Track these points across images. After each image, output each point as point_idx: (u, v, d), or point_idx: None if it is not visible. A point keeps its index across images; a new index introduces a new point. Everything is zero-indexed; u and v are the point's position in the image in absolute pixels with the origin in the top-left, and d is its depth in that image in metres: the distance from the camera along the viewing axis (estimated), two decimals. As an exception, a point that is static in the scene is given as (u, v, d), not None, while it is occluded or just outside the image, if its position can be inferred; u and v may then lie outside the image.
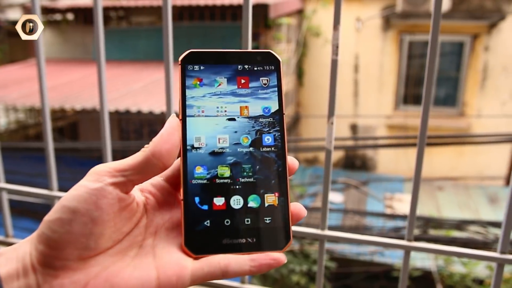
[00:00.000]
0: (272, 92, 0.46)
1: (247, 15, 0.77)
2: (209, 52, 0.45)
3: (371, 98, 7.46)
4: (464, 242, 3.23)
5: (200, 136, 0.43)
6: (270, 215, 0.43)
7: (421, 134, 0.78)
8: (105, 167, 0.40)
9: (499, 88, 6.94)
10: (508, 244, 0.81)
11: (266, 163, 0.44)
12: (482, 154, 6.91)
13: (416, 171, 0.79)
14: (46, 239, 0.37)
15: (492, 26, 6.76)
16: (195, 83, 0.44)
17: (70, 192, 0.38)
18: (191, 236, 0.41)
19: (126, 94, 5.01)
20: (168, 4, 0.82)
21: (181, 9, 6.50)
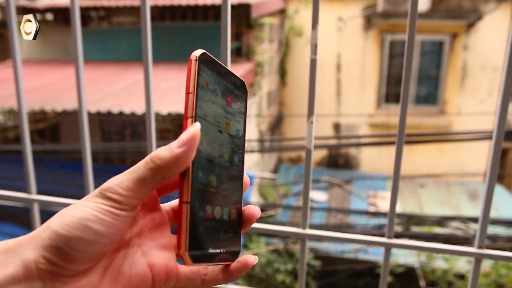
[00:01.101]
0: (241, 117, 0.47)
1: (226, 15, 0.77)
2: (215, 60, 0.44)
3: (353, 97, 7.53)
4: (446, 238, 3.28)
5: (202, 139, 0.41)
6: (232, 228, 0.44)
7: (400, 132, 0.79)
8: (124, 196, 0.38)
9: (478, 86, 7.08)
10: (485, 239, 0.82)
11: (234, 179, 0.45)
12: (462, 151, 7.04)
13: (395, 170, 0.80)
14: (61, 253, 0.36)
15: (470, 26, 6.88)
16: (204, 84, 0.42)
17: (94, 213, 0.37)
18: (193, 243, 0.39)
19: (107, 95, 4.96)
20: (146, 4, 0.82)
21: (163, 9, 6.46)
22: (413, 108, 7.36)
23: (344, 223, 4.47)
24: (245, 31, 6.23)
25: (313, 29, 0.75)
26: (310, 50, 0.76)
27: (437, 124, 7.20)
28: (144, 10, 0.82)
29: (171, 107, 4.38)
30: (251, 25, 6.17)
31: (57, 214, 0.38)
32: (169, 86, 5.22)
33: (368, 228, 3.81)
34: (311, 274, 4.43)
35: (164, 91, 5.04)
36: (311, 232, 0.85)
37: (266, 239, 4.64)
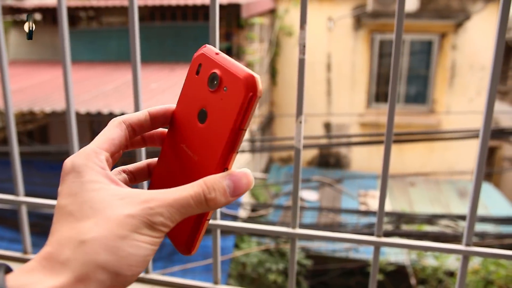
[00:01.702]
0: None
1: (214, 15, 0.77)
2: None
3: (343, 97, 7.56)
4: (435, 236, 3.31)
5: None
6: None
7: (388, 132, 0.79)
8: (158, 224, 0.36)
9: (467, 85, 7.15)
10: (473, 236, 0.83)
11: None
12: (451, 150, 7.10)
13: (383, 169, 0.81)
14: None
15: (459, 26, 6.95)
16: None
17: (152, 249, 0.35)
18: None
19: (97, 96, 4.92)
20: (134, 4, 0.81)
21: (153, 9, 6.43)
22: (403, 107, 7.40)
23: (335, 222, 4.49)
24: (236, 31, 6.23)
25: (301, 29, 0.75)
26: (299, 50, 0.76)
27: (427, 123, 7.25)
28: (132, 10, 0.81)
29: (161, 108, 4.35)
30: (241, 25, 6.17)
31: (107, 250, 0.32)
32: (159, 87, 5.20)
33: (359, 227, 3.83)
34: (302, 273, 4.44)
35: (154, 91, 5.02)
36: (301, 232, 0.85)
37: (257, 239, 4.64)
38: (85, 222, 0.33)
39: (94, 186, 0.35)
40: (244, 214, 4.84)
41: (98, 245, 0.32)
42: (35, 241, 1.12)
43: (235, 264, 4.33)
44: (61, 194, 0.36)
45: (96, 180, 0.35)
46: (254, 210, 5.17)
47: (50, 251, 0.33)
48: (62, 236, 0.33)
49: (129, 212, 0.34)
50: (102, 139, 0.40)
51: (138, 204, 0.35)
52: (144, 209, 0.34)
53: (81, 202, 0.34)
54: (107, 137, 0.40)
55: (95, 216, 0.34)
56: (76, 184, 0.35)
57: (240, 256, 4.35)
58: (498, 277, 3.84)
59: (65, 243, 0.33)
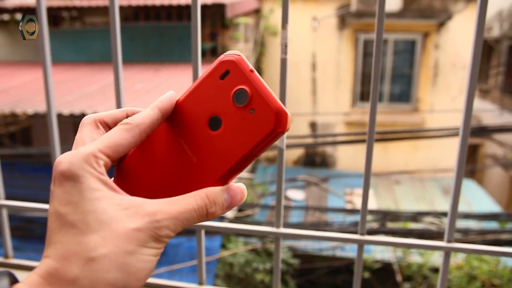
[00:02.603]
0: None
1: (196, 15, 0.77)
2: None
3: (329, 96, 7.60)
4: (420, 233, 3.35)
5: None
6: None
7: (370, 130, 0.80)
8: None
9: (449, 84, 7.25)
10: (454, 233, 0.84)
11: None
12: (435, 148, 7.19)
13: (366, 168, 0.82)
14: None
15: (441, 25, 7.04)
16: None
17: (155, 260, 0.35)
18: None
19: (81, 97, 4.87)
20: (115, 5, 0.80)
21: (137, 9, 6.38)
22: (387, 106, 7.47)
23: (321, 221, 4.51)
24: (220, 31, 6.22)
25: (283, 29, 0.75)
26: (281, 49, 0.76)
27: (411, 121, 7.34)
28: (112, 10, 0.81)
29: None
30: (226, 25, 6.16)
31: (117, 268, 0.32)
32: (143, 87, 5.17)
33: (344, 225, 3.85)
34: (289, 272, 4.45)
35: (139, 92, 4.98)
36: (285, 231, 0.86)
37: (244, 239, 4.64)
38: (92, 236, 0.32)
39: (95, 194, 0.34)
40: (231, 214, 4.84)
41: (108, 262, 0.32)
42: (17, 245, 1.10)
43: (222, 265, 4.32)
44: (58, 199, 0.34)
45: (96, 188, 0.34)
46: (240, 210, 5.17)
47: (56, 267, 0.32)
48: (67, 250, 0.32)
49: (136, 225, 0.33)
50: (107, 142, 0.36)
51: (144, 217, 0.34)
52: (151, 222, 0.34)
53: (83, 213, 0.33)
54: (113, 142, 0.36)
55: (101, 230, 0.33)
56: (75, 190, 0.34)
57: (227, 256, 4.34)
58: (481, 272, 3.90)
59: (72, 259, 0.32)
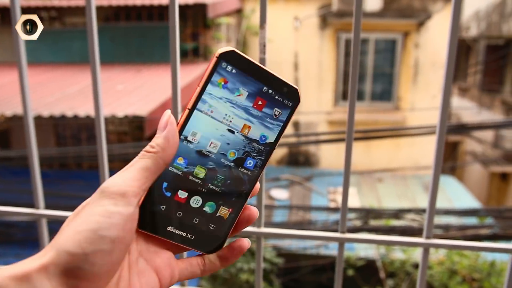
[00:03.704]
0: (277, 125, 0.46)
1: (174, 15, 0.76)
2: (248, 59, 0.44)
3: (311, 95, 7.64)
4: (402, 230, 3.39)
5: (197, 132, 0.44)
6: (216, 223, 0.46)
7: (348, 129, 0.80)
8: (127, 186, 0.37)
9: (429, 82, 7.36)
10: (432, 229, 0.86)
11: (237, 181, 0.46)
12: (416, 146, 7.29)
13: (345, 167, 0.82)
14: (82, 273, 0.34)
15: (421, 25, 7.14)
16: (220, 82, 0.43)
17: (104, 220, 0.35)
18: (143, 211, 0.42)
19: (61, 98, 4.80)
20: (92, 4, 0.80)
21: (117, 9, 6.32)
22: (369, 104, 7.55)
23: (305, 220, 4.54)
24: (202, 31, 6.20)
25: (261, 29, 0.75)
26: (259, 49, 0.76)
27: (393, 119, 7.42)
28: (89, 10, 0.80)
29: (127, 109, 4.29)
30: (208, 25, 6.14)
31: (63, 230, 0.35)
32: (125, 88, 5.12)
33: (328, 223, 3.88)
34: (274, 272, 4.46)
35: (120, 93, 4.93)
36: (266, 231, 0.86)
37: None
38: None
39: None
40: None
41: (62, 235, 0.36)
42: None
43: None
44: None
45: None
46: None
47: None
48: None
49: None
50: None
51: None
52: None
53: None
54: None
55: None
56: None
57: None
58: (462, 267, 3.97)
59: None
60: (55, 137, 6.26)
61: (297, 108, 0.47)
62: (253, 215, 0.47)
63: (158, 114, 4.38)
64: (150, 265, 0.41)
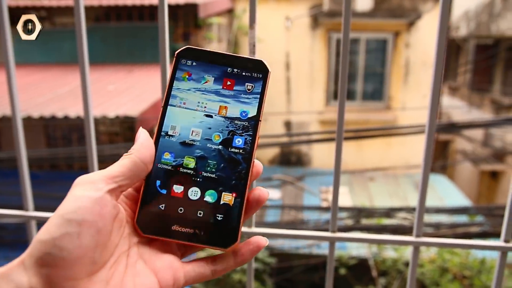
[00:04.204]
0: (254, 98, 0.47)
1: (163, 15, 0.76)
2: (204, 50, 0.47)
3: (303, 95, 7.65)
4: (394, 229, 3.41)
5: (176, 125, 0.45)
6: (223, 212, 0.44)
7: (338, 128, 0.81)
8: (97, 175, 0.39)
9: (420, 82, 7.41)
10: (422, 227, 0.86)
11: (231, 163, 0.45)
12: (407, 145, 7.33)
13: (335, 166, 0.83)
14: (52, 260, 0.34)
15: (411, 24, 7.19)
16: (184, 76, 0.46)
17: (71, 204, 0.36)
18: (144, 215, 0.42)
19: (51, 99, 4.76)
20: (80, 4, 0.79)
21: (108, 9, 6.28)
22: (360, 104, 7.58)
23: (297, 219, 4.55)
24: (193, 31, 6.18)
25: (250, 29, 0.75)
26: (249, 49, 0.76)
27: (384, 119, 7.46)
28: (78, 9, 0.79)
29: (119, 110, 4.27)
30: (199, 25, 6.12)
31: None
32: (116, 89, 5.09)
33: (320, 223, 3.89)
34: (267, 271, 4.47)
35: (111, 93, 4.90)
36: (257, 230, 0.86)
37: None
38: None
39: None
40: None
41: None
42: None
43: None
44: None
45: None
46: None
47: None
48: None
49: None
50: None
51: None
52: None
53: None
54: None
55: None
56: None
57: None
58: (453, 265, 4.01)
59: None
60: (46, 138, 6.21)
61: (269, 77, 0.48)
62: (263, 195, 0.45)
63: (150, 115, 4.37)
64: (149, 267, 0.41)
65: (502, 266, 0.82)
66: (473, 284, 3.93)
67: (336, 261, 4.35)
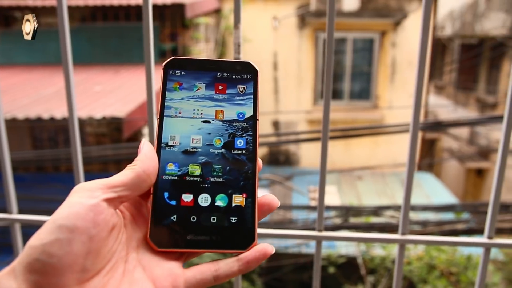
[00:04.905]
0: (248, 99, 0.48)
1: (147, 16, 0.76)
2: (191, 59, 0.47)
3: (291, 95, 7.67)
4: (382, 227, 3.43)
5: (175, 135, 0.45)
6: (236, 215, 0.44)
7: (324, 127, 0.81)
8: (96, 184, 0.38)
9: (407, 81, 7.47)
10: (408, 225, 0.87)
11: (236, 164, 0.45)
12: (395, 143, 7.40)
13: (321, 165, 0.83)
14: (41, 266, 0.33)
15: (397, 24, 7.25)
16: (175, 86, 0.46)
17: (63, 210, 0.35)
18: (156, 230, 0.42)
19: (37, 100, 4.71)
20: (64, 4, 0.78)
21: (94, 10, 6.23)
22: (348, 103, 7.62)
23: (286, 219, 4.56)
24: (181, 31, 6.16)
25: (235, 29, 0.75)
26: (234, 49, 0.76)
27: (371, 118, 7.51)
28: (60, 11, 0.78)
29: (105, 111, 4.24)
30: (186, 25, 6.10)
31: None
32: (103, 89, 5.05)
33: (309, 222, 3.91)
34: (256, 271, 4.47)
35: (98, 94, 4.86)
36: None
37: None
38: None
39: None
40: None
41: None
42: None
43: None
44: None
45: None
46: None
47: None
48: None
49: None
50: None
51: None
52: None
53: None
54: None
55: None
56: None
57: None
58: (440, 261, 4.05)
59: None
60: (32, 140, 6.13)
61: (259, 77, 0.49)
62: (275, 202, 0.45)
63: (137, 115, 4.34)
64: (147, 274, 0.40)
65: (486, 262, 0.84)
66: (460, 280, 3.98)
67: (325, 260, 4.37)
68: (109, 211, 0.38)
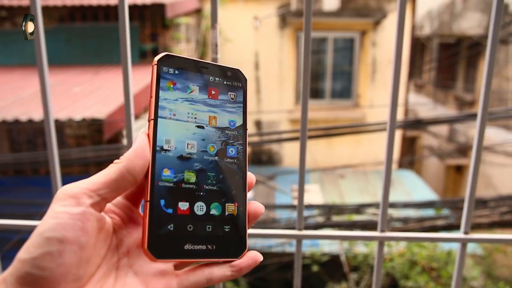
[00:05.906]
0: (238, 107, 0.47)
1: (123, 16, 0.75)
2: (185, 58, 0.45)
3: (272, 94, 7.69)
4: (364, 225, 3.47)
5: (170, 139, 0.43)
6: (229, 223, 0.44)
7: (302, 127, 0.81)
8: (79, 188, 0.37)
9: (387, 80, 7.57)
10: (386, 223, 0.88)
11: (228, 173, 0.45)
12: (376, 141, 7.48)
13: (300, 166, 0.83)
14: (33, 279, 0.32)
15: (377, 24, 7.33)
16: (169, 85, 0.43)
17: (50, 221, 0.34)
18: (154, 239, 0.39)
19: (14, 102, 4.62)
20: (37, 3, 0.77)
21: (73, 10, 6.13)
22: (329, 102, 7.68)
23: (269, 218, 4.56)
24: (161, 32, 6.11)
25: (212, 29, 0.75)
26: (211, 49, 0.76)
27: (352, 116, 7.58)
28: (34, 9, 0.77)
29: (85, 112, 4.18)
30: (166, 25, 6.06)
31: None
32: (83, 91, 4.98)
33: (292, 221, 3.92)
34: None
35: (78, 95, 4.79)
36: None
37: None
38: None
39: None
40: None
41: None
42: None
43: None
44: None
45: None
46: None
47: None
48: None
49: None
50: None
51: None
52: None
53: None
54: None
55: None
56: None
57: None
58: (421, 257, 4.11)
59: None
60: (9, 143, 6.01)
61: (247, 86, 0.49)
62: (259, 209, 0.45)
63: (117, 117, 4.29)
64: (140, 279, 0.39)
65: (463, 256, 0.85)
66: (440, 276, 4.04)
67: (309, 258, 4.39)
68: (96, 215, 0.37)
